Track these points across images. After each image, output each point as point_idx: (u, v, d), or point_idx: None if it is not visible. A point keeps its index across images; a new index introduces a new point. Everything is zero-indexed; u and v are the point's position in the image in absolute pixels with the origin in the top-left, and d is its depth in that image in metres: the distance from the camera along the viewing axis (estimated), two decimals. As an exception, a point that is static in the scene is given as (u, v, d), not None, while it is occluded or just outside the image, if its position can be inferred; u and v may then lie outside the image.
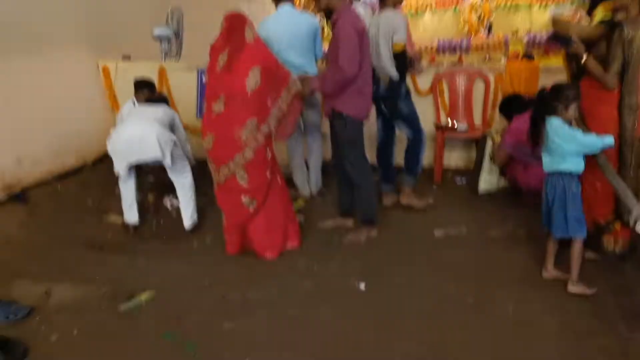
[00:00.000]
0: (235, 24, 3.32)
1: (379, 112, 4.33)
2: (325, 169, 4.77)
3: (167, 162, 3.80)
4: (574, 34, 3.26)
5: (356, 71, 3.41)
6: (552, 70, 4.99)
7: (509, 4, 9.73)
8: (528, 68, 5.01)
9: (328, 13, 3.56)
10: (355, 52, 3.38)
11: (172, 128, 4.15)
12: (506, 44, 9.17)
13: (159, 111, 4.09)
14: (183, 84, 5.45)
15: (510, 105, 4.39)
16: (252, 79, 3.25)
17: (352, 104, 3.54)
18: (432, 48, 9.27)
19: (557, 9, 3.76)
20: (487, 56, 9.09)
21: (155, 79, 5.45)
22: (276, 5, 4.43)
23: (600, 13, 3.26)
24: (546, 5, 9.65)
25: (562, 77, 4.81)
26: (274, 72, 3.37)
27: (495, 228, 3.92)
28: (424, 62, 4.10)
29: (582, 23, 3.24)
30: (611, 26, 3.16)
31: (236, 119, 3.30)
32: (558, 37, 3.36)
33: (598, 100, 3.22)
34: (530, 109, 4.25)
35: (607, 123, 3.20)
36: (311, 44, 4.39)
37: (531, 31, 9.37)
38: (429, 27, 10.11)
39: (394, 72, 3.99)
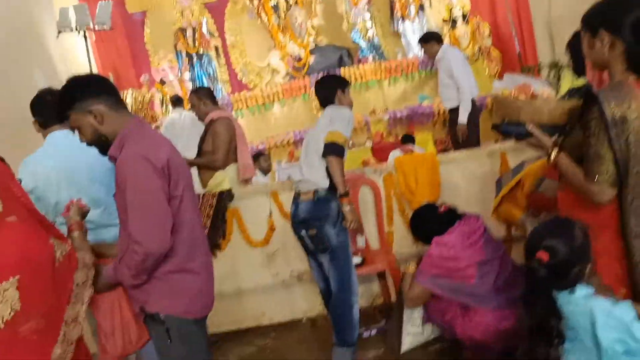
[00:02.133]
0: None
1: (304, 248, 3.04)
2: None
3: None
4: (529, 119, 1.98)
5: (166, 242, 1.84)
6: (451, 163, 3.85)
7: (359, 82, 8.94)
8: (424, 161, 3.80)
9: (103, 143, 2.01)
10: (159, 210, 1.83)
11: None
12: (367, 125, 8.28)
13: None
14: None
15: (425, 223, 3.06)
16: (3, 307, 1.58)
17: (172, 295, 1.93)
18: (288, 142, 8.09)
19: (500, 81, 2.43)
20: (351, 142, 8.10)
21: None
22: (44, 132, 2.80)
23: (567, 77, 2.07)
24: (395, 79, 9.06)
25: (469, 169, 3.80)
26: (48, 277, 1.70)
27: None
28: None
29: (544, 100, 1.97)
30: (585, 98, 1.90)
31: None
32: (506, 125, 2.08)
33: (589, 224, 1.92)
34: (450, 223, 3.04)
35: (608, 265, 1.87)
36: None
37: (388, 108, 8.62)
38: (280, 120, 8.95)
39: (324, 183, 2.86)
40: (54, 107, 2.69)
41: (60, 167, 2.67)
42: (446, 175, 3.78)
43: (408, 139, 6.35)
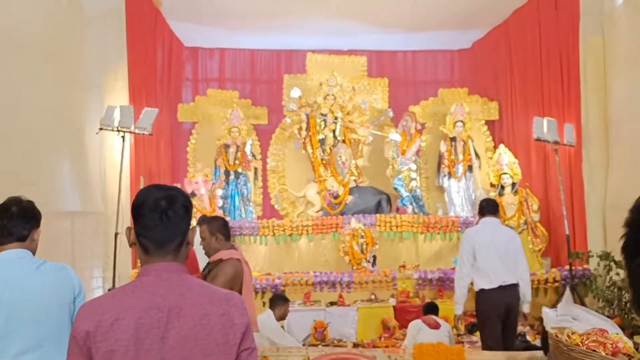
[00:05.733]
0: None
1: None
2: None
3: None
4: None
5: None
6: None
7: (393, 232, 8.50)
8: (449, 355, 3.20)
9: None
10: None
11: None
12: (394, 280, 7.70)
13: None
14: None
15: None
16: None
17: None
18: (307, 282, 7.53)
19: (553, 310, 1.76)
20: (374, 296, 7.49)
21: None
22: None
23: None
24: (432, 236, 8.60)
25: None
26: None
27: None
28: None
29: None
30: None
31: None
32: None
33: None
34: None
35: None
36: None
37: (419, 266, 8.07)
38: (304, 255, 8.48)
39: None
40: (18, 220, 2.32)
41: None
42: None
43: (431, 308, 5.71)
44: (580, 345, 1.52)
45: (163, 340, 1.51)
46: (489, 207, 4.94)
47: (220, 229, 3.70)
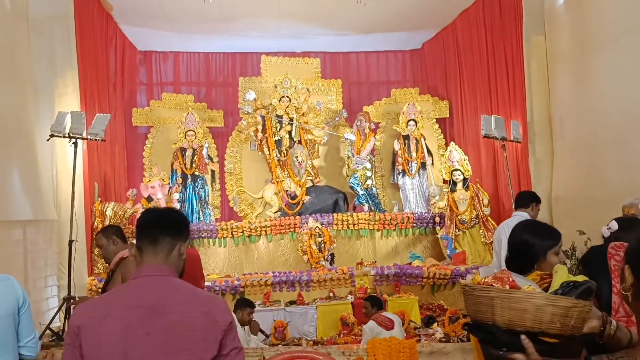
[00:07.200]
0: None
1: None
2: None
3: None
4: (506, 321, 1.56)
5: None
6: (434, 355, 3.39)
7: (350, 230, 8.66)
8: (402, 349, 3.33)
9: None
10: None
11: None
12: (352, 277, 7.84)
13: None
14: None
15: None
16: None
17: None
18: (266, 283, 7.60)
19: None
20: (332, 293, 7.61)
21: None
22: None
23: (561, 271, 1.72)
24: (388, 232, 8.81)
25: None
26: None
27: None
28: None
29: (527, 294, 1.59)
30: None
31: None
32: (478, 329, 1.67)
33: None
34: None
35: None
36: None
37: (376, 263, 8.25)
38: (264, 256, 8.56)
39: None
40: None
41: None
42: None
43: (377, 303, 5.85)
44: (481, 283, 1.67)
45: (148, 336, 1.66)
46: (518, 200, 4.91)
47: (115, 233, 3.86)
